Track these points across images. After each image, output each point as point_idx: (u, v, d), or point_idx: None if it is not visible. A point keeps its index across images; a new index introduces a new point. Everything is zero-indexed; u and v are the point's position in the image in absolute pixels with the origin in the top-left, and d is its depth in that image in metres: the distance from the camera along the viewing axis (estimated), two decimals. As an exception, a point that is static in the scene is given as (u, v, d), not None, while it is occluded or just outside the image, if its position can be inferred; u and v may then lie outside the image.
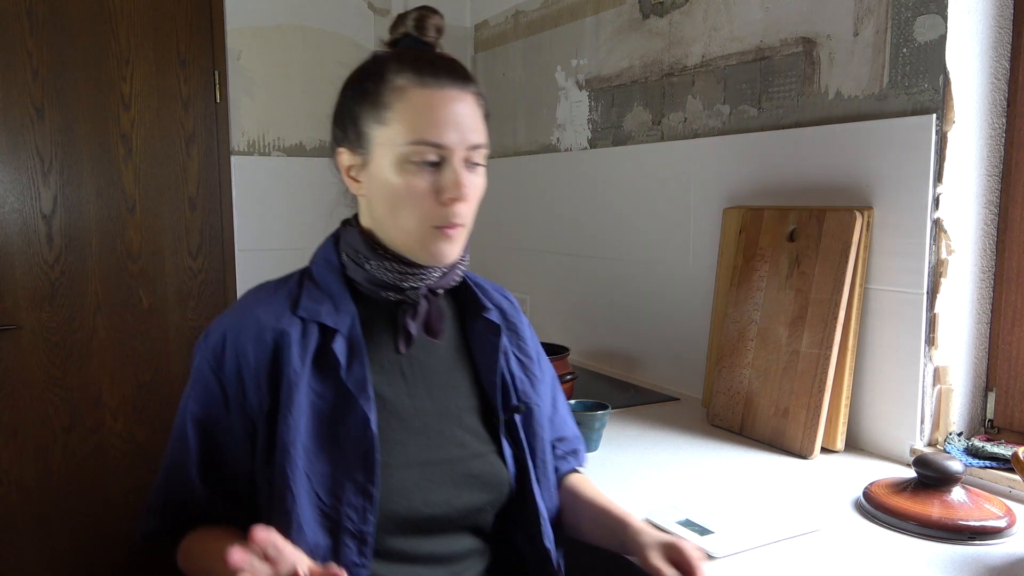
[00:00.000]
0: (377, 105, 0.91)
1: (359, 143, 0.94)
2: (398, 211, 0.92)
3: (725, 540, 1.08)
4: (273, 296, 0.96)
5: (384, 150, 0.92)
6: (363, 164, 0.94)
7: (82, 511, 2.34)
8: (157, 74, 2.35)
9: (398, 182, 0.91)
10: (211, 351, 0.92)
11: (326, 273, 0.98)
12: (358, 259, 0.96)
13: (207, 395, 0.93)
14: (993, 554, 1.07)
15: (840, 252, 1.45)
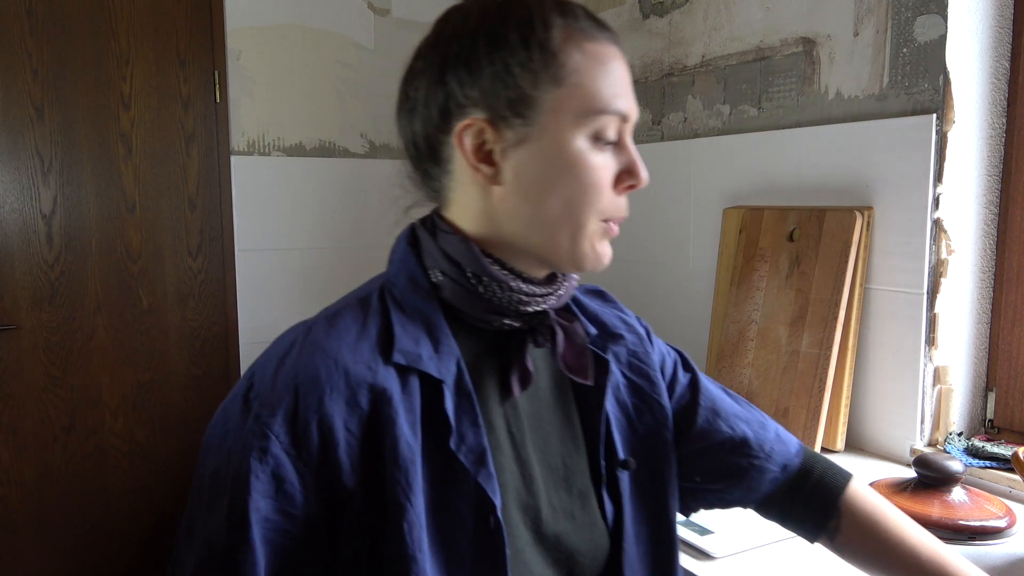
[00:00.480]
0: (547, 59, 0.66)
1: (515, 110, 0.66)
2: (567, 198, 0.68)
3: (725, 540, 1.08)
4: (356, 332, 0.67)
5: (563, 118, 0.66)
6: (518, 140, 0.67)
7: (82, 511, 2.34)
8: (157, 74, 2.34)
9: (584, 162, 0.67)
10: (281, 422, 0.62)
11: (413, 296, 0.70)
12: (463, 278, 0.69)
13: (279, 489, 0.62)
14: (993, 554, 1.07)
15: (840, 252, 1.45)
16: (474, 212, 0.70)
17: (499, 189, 0.68)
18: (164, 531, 2.47)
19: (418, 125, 0.70)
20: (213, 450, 0.66)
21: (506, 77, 0.66)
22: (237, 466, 0.62)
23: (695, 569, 1.02)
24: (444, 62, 0.68)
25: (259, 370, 0.66)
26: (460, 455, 0.65)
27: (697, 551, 1.06)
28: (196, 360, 2.47)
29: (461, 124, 0.67)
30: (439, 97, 0.68)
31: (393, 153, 2.71)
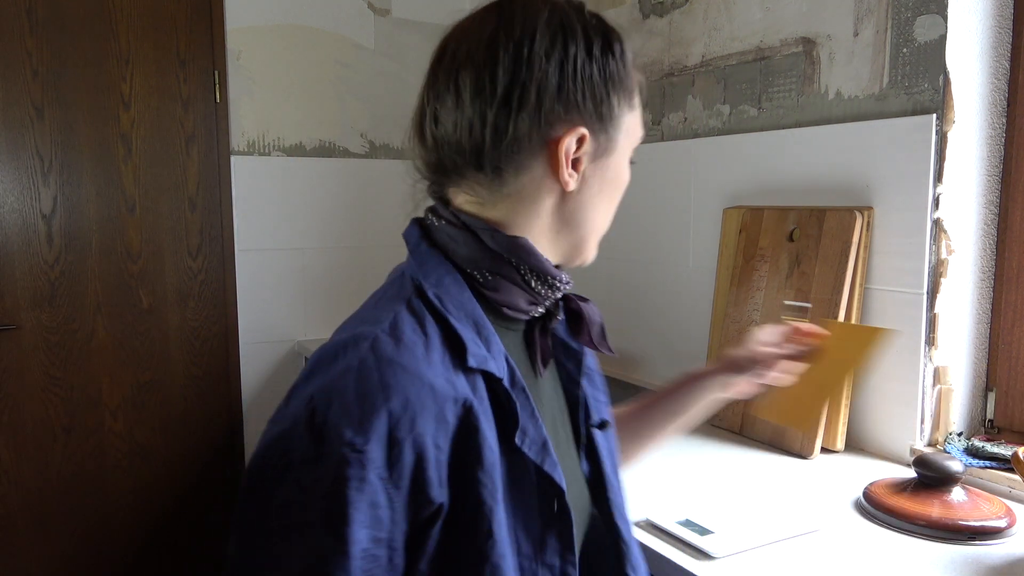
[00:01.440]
0: (629, 87, 0.74)
1: (604, 127, 0.72)
2: (611, 209, 0.77)
3: (725, 540, 1.08)
4: (423, 343, 0.66)
5: (627, 138, 0.75)
6: (605, 151, 0.72)
7: (82, 511, 2.34)
8: (157, 74, 2.35)
9: (624, 176, 0.77)
10: (377, 449, 0.61)
11: (460, 297, 0.70)
12: (523, 279, 0.72)
13: (376, 514, 0.61)
14: (993, 554, 1.07)
15: (840, 252, 1.45)
16: (532, 212, 0.72)
17: (572, 194, 0.72)
18: (164, 531, 2.47)
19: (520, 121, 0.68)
20: (273, 481, 0.62)
21: (608, 95, 0.71)
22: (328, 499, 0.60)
23: (695, 569, 1.02)
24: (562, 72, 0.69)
25: (321, 396, 0.63)
26: (525, 448, 0.68)
27: (697, 551, 1.06)
28: (196, 360, 2.47)
29: (570, 132, 0.69)
30: (549, 103, 0.69)
31: (392, 153, 2.71)
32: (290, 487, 0.61)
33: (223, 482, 2.54)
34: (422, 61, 0.75)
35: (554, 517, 0.70)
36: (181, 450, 2.47)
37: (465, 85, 0.69)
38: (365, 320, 0.69)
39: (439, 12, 2.77)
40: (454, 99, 0.70)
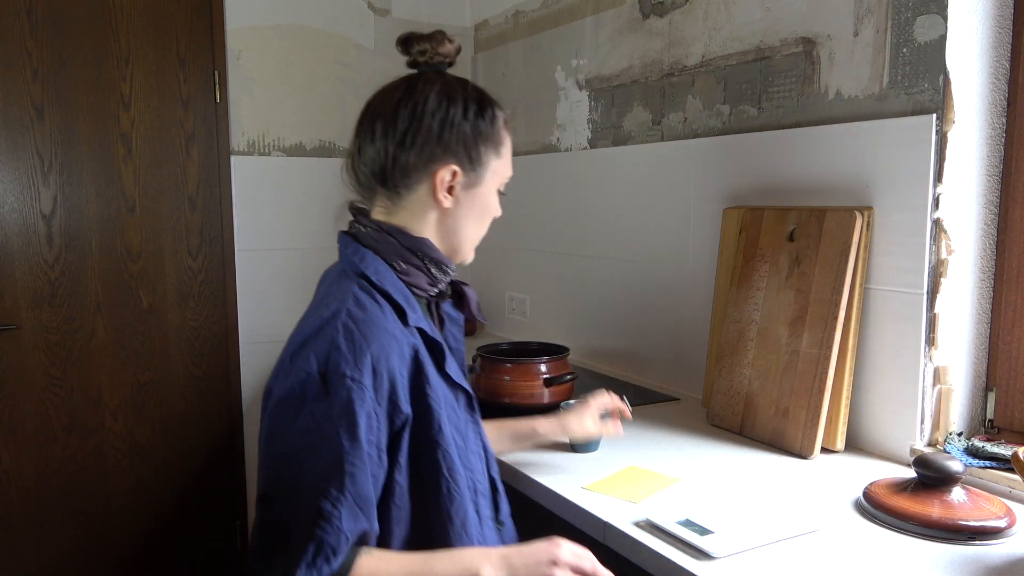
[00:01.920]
0: (496, 140, 1.08)
1: (474, 166, 1.06)
2: (479, 224, 1.11)
3: (725, 540, 1.08)
4: (379, 311, 0.98)
5: (494, 176, 1.09)
6: (470, 184, 1.07)
7: (82, 511, 2.34)
8: (157, 74, 2.35)
9: (493, 204, 1.11)
10: (368, 378, 0.92)
11: (394, 282, 1.03)
12: (424, 266, 1.06)
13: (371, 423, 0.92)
14: (993, 554, 1.07)
15: (840, 252, 1.45)
16: (422, 220, 1.07)
17: (448, 210, 1.07)
18: (164, 531, 2.47)
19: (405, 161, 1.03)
20: (289, 419, 0.92)
21: (477, 144, 1.06)
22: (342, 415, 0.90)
23: (695, 569, 1.02)
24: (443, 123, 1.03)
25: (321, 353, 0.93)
26: (452, 374, 1.05)
27: (697, 551, 1.06)
28: (196, 360, 2.47)
29: (444, 167, 1.04)
30: (429, 146, 1.03)
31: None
32: (306, 418, 0.91)
33: (223, 482, 2.54)
34: None
35: (472, 417, 1.09)
36: (181, 450, 2.47)
37: (377, 129, 1.04)
38: (328, 305, 0.98)
39: (439, 12, 2.77)
40: (370, 138, 1.04)
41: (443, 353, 1.03)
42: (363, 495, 0.91)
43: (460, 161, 1.04)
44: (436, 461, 0.98)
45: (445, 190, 1.04)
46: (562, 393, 1.80)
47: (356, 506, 0.90)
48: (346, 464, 0.90)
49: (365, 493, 0.91)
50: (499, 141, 1.08)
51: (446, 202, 1.04)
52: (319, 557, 0.88)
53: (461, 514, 1.00)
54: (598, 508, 1.23)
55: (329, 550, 0.88)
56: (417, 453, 0.98)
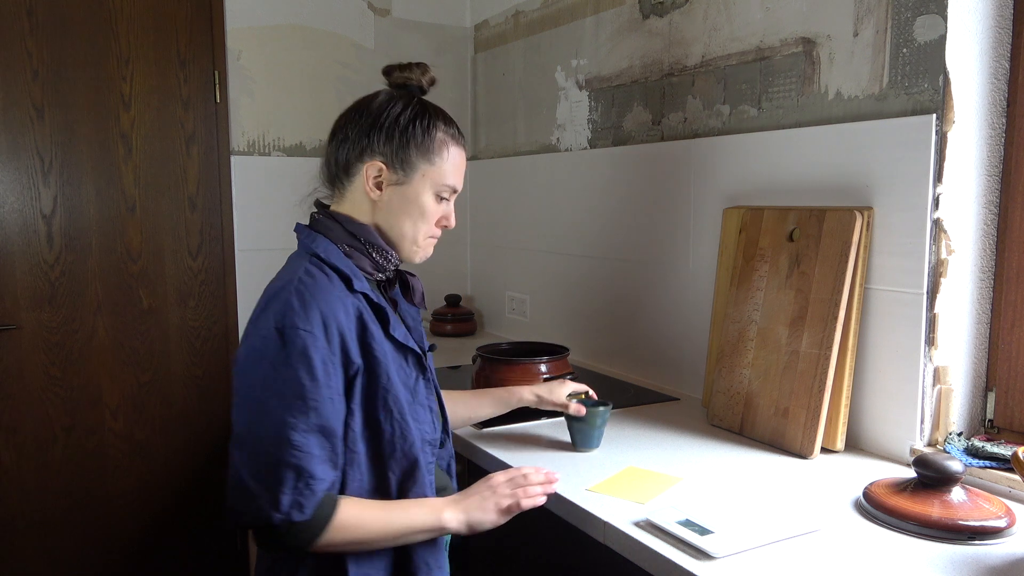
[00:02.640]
0: (427, 148, 1.18)
1: (402, 166, 1.17)
2: (416, 222, 1.20)
3: (725, 540, 1.08)
4: (327, 280, 1.11)
5: (425, 181, 1.19)
6: (398, 182, 1.17)
7: (82, 511, 2.34)
8: (157, 74, 2.35)
9: (426, 206, 1.19)
10: (321, 331, 1.05)
11: (341, 259, 1.15)
12: (365, 249, 1.18)
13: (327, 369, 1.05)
14: (993, 554, 1.07)
15: (840, 252, 1.45)
16: (362, 211, 1.20)
17: (380, 204, 1.19)
18: (164, 531, 2.47)
19: (343, 153, 1.19)
20: (251, 370, 1.05)
21: (406, 147, 1.17)
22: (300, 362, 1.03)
23: (695, 569, 1.02)
24: (372, 123, 1.18)
25: (278, 314, 1.05)
26: (399, 336, 1.17)
27: (697, 551, 1.06)
28: (196, 360, 2.47)
29: (371, 162, 1.17)
30: (362, 142, 1.18)
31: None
32: (265, 367, 1.04)
33: (223, 482, 2.53)
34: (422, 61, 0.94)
35: (420, 372, 1.20)
36: (181, 450, 2.47)
37: (330, 136, 1.23)
38: (283, 277, 1.13)
39: (439, 12, 2.77)
40: (327, 145, 1.24)
41: (387, 317, 1.15)
42: (328, 427, 1.04)
43: (387, 159, 1.16)
44: (388, 406, 1.11)
45: (372, 184, 1.17)
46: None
47: (323, 436, 1.03)
48: (308, 399, 1.02)
49: (330, 425, 1.04)
50: (431, 150, 1.18)
51: (372, 194, 1.17)
52: (299, 482, 1.01)
53: (411, 456, 1.13)
54: (600, 508, 1.23)
55: (307, 475, 1.01)
56: (368, 400, 1.10)
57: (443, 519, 1.11)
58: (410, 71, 1.24)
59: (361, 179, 1.17)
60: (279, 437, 1.01)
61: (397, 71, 1.24)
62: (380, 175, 1.17)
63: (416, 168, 1.18)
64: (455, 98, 2.83)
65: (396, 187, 1.18)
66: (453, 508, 1.13)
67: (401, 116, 1.18)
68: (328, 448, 1.04)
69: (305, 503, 1.01)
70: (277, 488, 1.00)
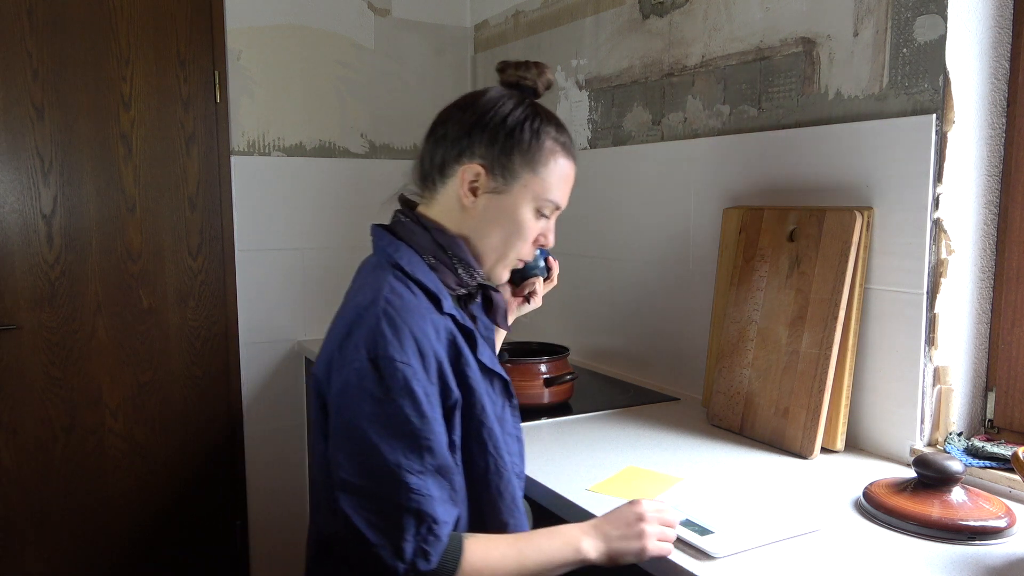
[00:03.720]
0: (533, 155, 1.06)
1: (503, 174, 1.05)
2: (509, 238, 1.09)
3: (725, 540, 1.08)
4: (414, 299, 1.01)
5: (526, 192, 1.07)
6: (496, 190, 1.06)
7: (82, 511, 2.34)
8: (157, 74, 2.35)
9: (523, 221, 1.08)
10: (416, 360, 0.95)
11: (426, 273, 1.06)
12: (451, 262, 1.08)
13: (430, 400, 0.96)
14: (993, 554, 1.07)
15: (840, 252, 1.45)
16: (452, 218, 1.08)
17: (473, 212, 1.07)
18: (164, 531, 2.47)
19: (440, 150, 1.08)
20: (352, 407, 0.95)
21: (509, 152, 1.05)
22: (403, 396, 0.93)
23: (695, 569, 1.02)
24: (476, 121, 1.06)
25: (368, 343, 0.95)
26: (485, 360, 1.07)
27: (697, 551, 1.06)
28: (196, 360, 2.47)
29: (469, 164, 1.05)
30: (463, 141, 1.06)
31: (392, 153, 2.72)
32: (368, 402, 0.94)
33: (223, 482, 2.54)
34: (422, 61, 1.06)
35: (507, 399, 1.11)
36: (181, 450, 2.47)
37: (430, 130, 1.11)
38: (365, 294, 1.01)
39: (439, 12, 2.77)
40: (424, 141, 1.12)
41: (475, 340, 1.06)
42: (444, 465, 0.96)
43: (488, 163, 1.05)
44: (482, 440, 1.02)
45: (467, 188, 1.05)
46: (562, 393, 1.80)
47: (440, 475, 0.95)
48: (420, 438, 0.94)
49: (445, 463, 0.96)
50: (537, 159, 1.06)
51: (466, 200, 1.05)
52: (421, 527, 0.92)
53: (510, 490, 1.05)
54: (600, 508, 1.23)
55: (429, 520, 0.92)
56: (465, 433, 1.01)
57: (582, 549, 0.99)
58: (526, 69, 1.11)
59: (456, 182, 1.06)
60: (395, 481, 0.92)
61: (512, 68, 1.12)
62: (477, 180, 1.05)
63: (518, 177, 1.06)
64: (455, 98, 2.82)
65: (493, 195, 1.06)
66: (593, 537, 1.01)
67: (509, 117, 1.05)
68: (447, 487, 0.96)
69: (430, 550, 0.92)
70: (398, 537, 0.91)
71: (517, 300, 1.38)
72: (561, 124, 1.10)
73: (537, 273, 1.40)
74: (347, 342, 0.97)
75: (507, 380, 1.11)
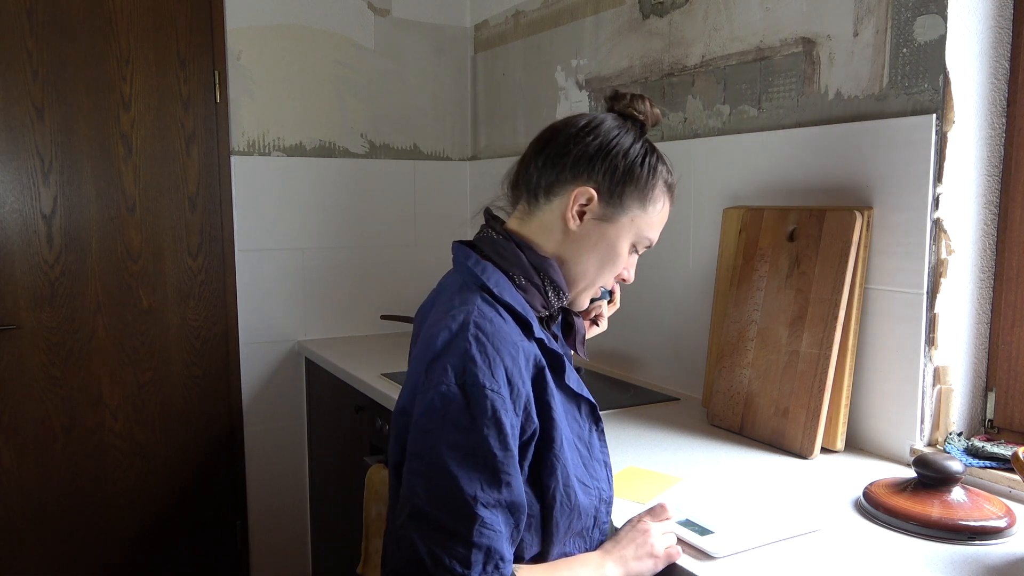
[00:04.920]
0: (645, 193, 1.06)
1: (612, 202, 1.04)
2: (603, 267, 1.08)
3: (725, 540, 1.08)
4: (504, 324, 0.98)
5: (630, 225, 1.06)
6: (604, 217, 1.05)
7: (82, 511, 2.34)
8: (157, 74, 2.35)
9: (620, 254, 1.07)
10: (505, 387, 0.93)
11: (514, 295, 1.03)
12: (542, 284, 1.05)
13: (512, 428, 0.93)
14: (993, 554, 1.07)
15: (840, 252, 1.45)
16: (550, 238, 1.06)
17: (574, 235, 1.05)
18: (164, 531, 2.47)
19: (555, 171, 1.05)
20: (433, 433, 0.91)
21: (624, 183, 1.04)
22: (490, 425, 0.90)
23: (695, 569, 1.02)
24: (600, 147, 1.04)
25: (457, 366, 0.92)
26: (572, 385, 1.05)
27: (697, 551, 1.06)
28: (196, 360, 2.47)
29: (584, 188, 1.03)
30: (581, 164, 1.04)
31: (392, 153, 2.72)
32: (453, 431, 0.90)
33: (223, 481, 2.54)
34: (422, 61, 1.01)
35: (594, 423, 1.09)
36: (181, 450, 2.47)
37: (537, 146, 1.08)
38: (456, 317, 0.97)
39: (439, 12, 2.77)
40: (531, 152, 1.09)
41: (563, 365, 1.04)
42: (517, 503, 0.92)
43: (601, 191, 1.04)
44: (554, 473, 0.99)
45: (575, 211, 1.04)
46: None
47: (510, 513, 0.92)
48: (501, 473, 0.91)
49: (519, 501, 0.93)
50: (648, 196, 1.06)
51: (572, 223, 1.04)
52: (489, 564, 0.89)
53: (579, 524, 1.03)
54: (598, 508, 1.23)
55: (497, 557, 0.90)
56: (539, 464, 0.99)
57: (606, 574, 1.02)
58: (641, 102, 1.10)
59: (565, 202, 1.04)
60: (470, 514, 0.89)
61: (626, 100, 1.10)
62: (588, 203, 1.04)
63: (627, 209, 1.05)
64: (455, 98, 2.83)
65: (599, 222, 1.05)
66: (613, 560, 1.03)
67: (631, 149, 1.05)
68: (513, 525, 0.93)
69: None
70: (465, 570, 0.89)
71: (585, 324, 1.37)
72: (671, 168, 1.10)
73: (602, 296, 1.40)
74: (434, 366, 0.94)
75: (594, 404, 1.09)
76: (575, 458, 1.03)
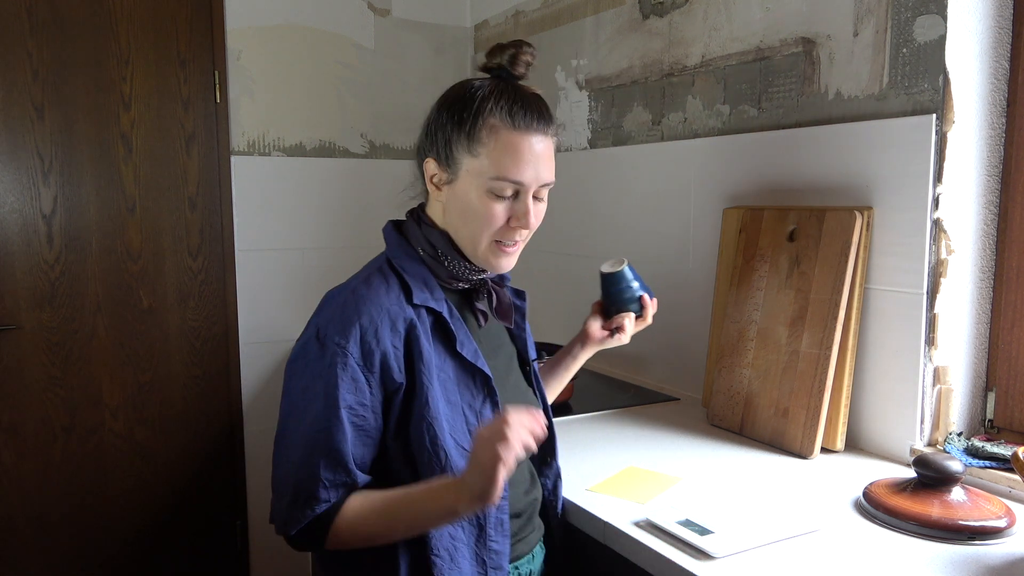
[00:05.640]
0: (471, 138, 1.04)
1: (448, 162, 1.07)
2: (472, 226, 1.07)
3: (725, 540, 1.08)
4: (385, 288, 1.06)
5: (471, 177, 1.05)
6: (448, 180, 1.07)
7: (82, 511, 2.34)
8: (157, 74, 2.35)
9: (478, 206, 1.06)
10: (357, 348, 1.01)
11: (412, 265, 1.10)
12: (438, 255, 1.10)
13: (357, 386, 1.01)
14: (993, 554, 1.07)
15: (840, 252, 1.45)
16: (437, 212, 1.12)
17: (442, 204, 1.10)
18: (164, 531, 2.47)
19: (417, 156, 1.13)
20: (297, 376, 1.04)
21: (450, 141, 1.06)
22: (326, 376, 1.00)
23: (695, 569, 1.02)
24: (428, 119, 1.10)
25: (323, 320, 1.03)
26: (464, 352, 1.08)
27: (697, 551, 1.06)
28: (196, 360, 2.47)
29: (428, 159, 1.10)
30: (425, 141, 1.11)
31: (392, 153, 2.72)
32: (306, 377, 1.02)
33: (223, 481, 2.54)
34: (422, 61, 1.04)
35: (487, 394, 1.10)
36: (181, 450, 2.47)
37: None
38: (350, 281, 1.09)
39: (439, 12, 2.77)
40: None
41: (452, 333, 1.07)
42: (337, 449, 1.00)
43: (439, 158, 1.08)
44: (421, 432, 1.02)
45: (432, 184, 1.10)
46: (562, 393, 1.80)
47: (332, 459, 1.00)
48: (324, 419, 1.00)
49: (339, 447, 1.00)
50: (476, 139, 1.03)
51: (435, 195, 1.10)
52: (298, 501, 1.00)
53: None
54: (600, 508, 1.23)
55: (307, 495, 1.00)
56: (406, 421, 1.04)
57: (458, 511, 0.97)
58: (495, 53, 1.08)
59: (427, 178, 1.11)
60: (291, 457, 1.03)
61: (486, 55, 1.09)
62: (436, 174, 1.09)
63: (459, 163, 1.05)
64: (455, 98, 2.82)
65: (449, 186, 1.08)
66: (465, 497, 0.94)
67: (455, 104, 1.05)
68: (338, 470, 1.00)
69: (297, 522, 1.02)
70: (281, 504, 1.04)
71: (604, 333, 1.41)
72: (518, 99, 1.04)
73: (632, 309, 1.39)
74: (313, 317, 1.06)
75: (488, 376, 1.09)
76: (458, 423, 1.06)
